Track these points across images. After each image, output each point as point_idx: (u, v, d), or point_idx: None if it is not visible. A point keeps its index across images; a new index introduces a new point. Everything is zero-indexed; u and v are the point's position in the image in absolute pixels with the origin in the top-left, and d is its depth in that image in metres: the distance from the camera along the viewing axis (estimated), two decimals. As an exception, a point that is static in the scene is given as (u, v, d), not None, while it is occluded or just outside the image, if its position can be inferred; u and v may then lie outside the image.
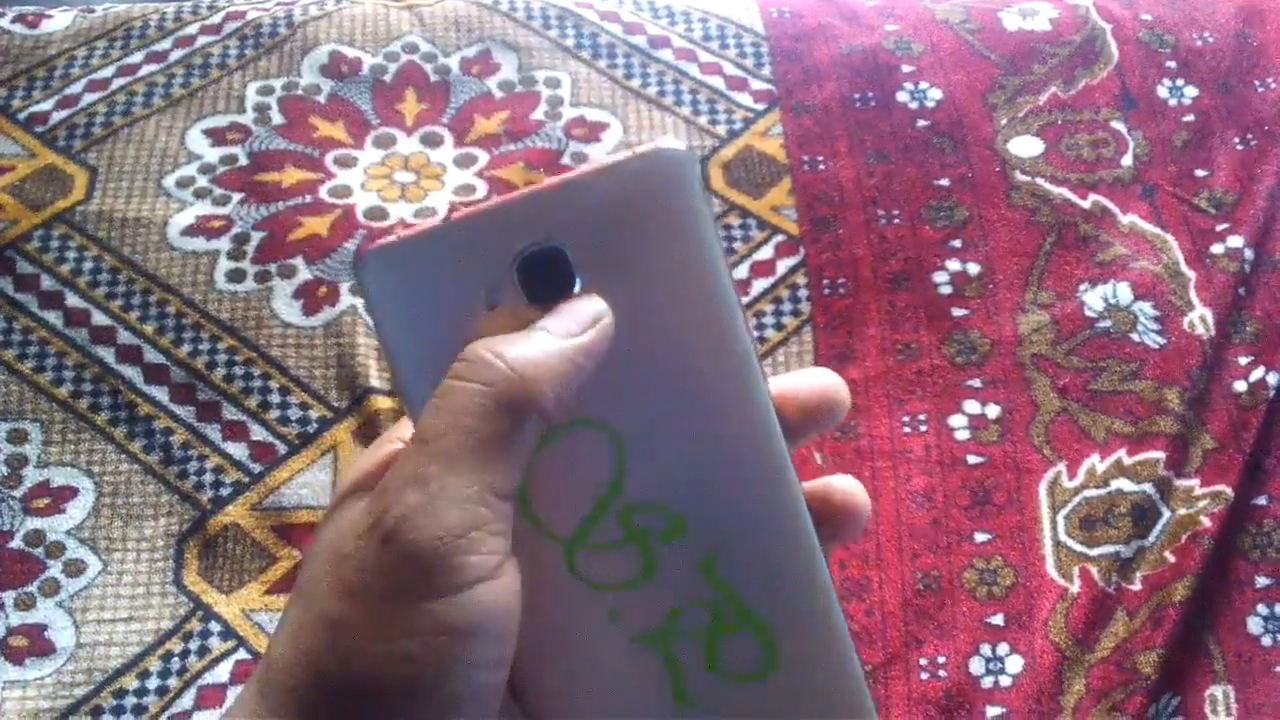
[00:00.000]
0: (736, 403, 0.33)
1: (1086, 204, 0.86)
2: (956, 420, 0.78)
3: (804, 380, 0.35)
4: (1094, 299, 0.82)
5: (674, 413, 0.33)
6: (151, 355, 0.79)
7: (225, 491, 0.75)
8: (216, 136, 0.87)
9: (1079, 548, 0.74)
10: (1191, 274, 0.83)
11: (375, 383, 0.78)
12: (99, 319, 0.80)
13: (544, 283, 0.32)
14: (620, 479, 0.33)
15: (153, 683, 0.70)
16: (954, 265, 0.83)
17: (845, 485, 0.35)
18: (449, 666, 0.29)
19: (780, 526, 0.34)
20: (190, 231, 0.83)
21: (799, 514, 0.34)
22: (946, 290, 0.82)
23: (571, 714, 0.33)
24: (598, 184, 0.32)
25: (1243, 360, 0.80)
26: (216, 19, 0.93)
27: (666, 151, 0.32)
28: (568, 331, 0.32)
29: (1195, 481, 0.76)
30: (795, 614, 0.34)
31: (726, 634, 0.33)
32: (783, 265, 0.83)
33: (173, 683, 0.70)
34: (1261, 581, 0.74)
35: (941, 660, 0.71)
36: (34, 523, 0.74)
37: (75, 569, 0.73)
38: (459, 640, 0.29)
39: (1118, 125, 0.89)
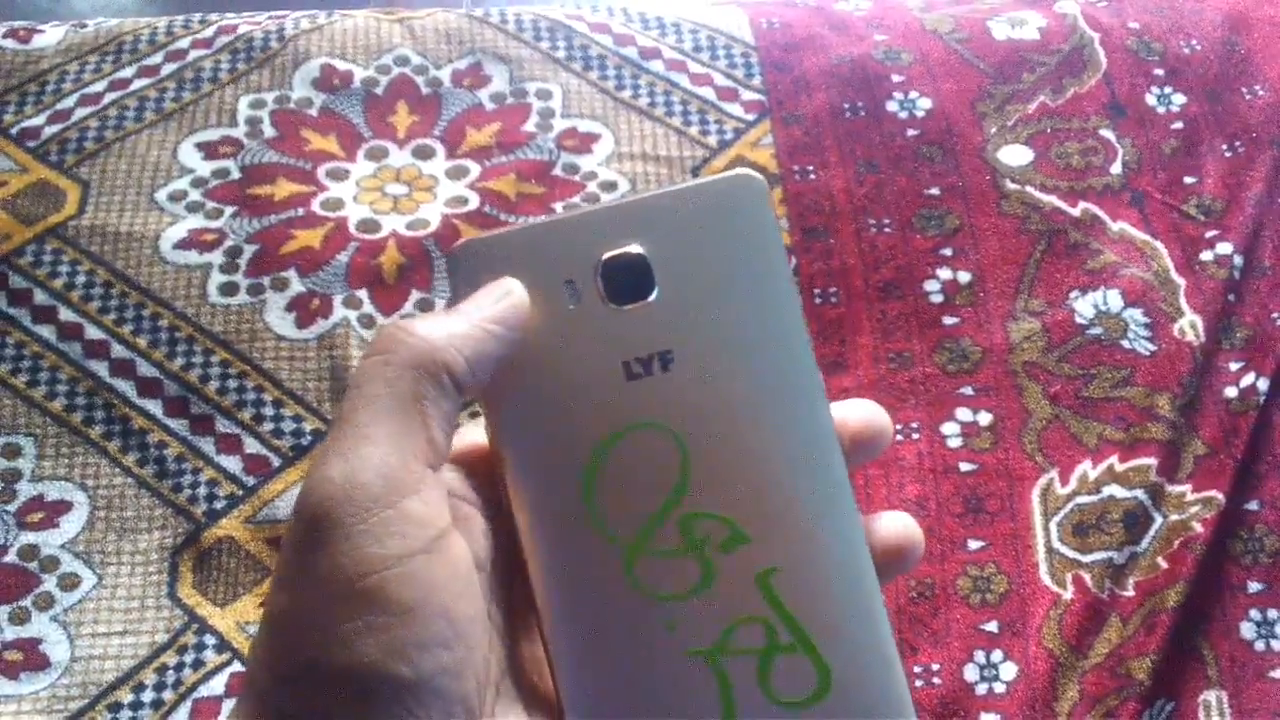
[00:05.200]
0: (802, 421, 0.34)
1: (1076, 212, 0.86)
2: (949, 428, 0.78)
3: (852, 410, 0.35)
4: (1085, 306, 0.82)
5: (740, 424, 0.33)
6: (145, 369, 0.79)
7: (219, 505, 0.75)
8: (208, 150, 0.87)
9: (1072, 554, 0.74)
10: (1181, 281, 0.83)
11: (369, 395, 0.78)
12: (92, 333, 0.80)
13: (624, 286, 0.34)
14: (683, 485, 0.33)
15: (148, 696, 0.70)
16: (945, 274, 0.83)
17: (900, 521, 0.35)
18: (392, 648, 0.28)
19: (841, 550, 0.34)
20: (183, 245, 0.83)
21: (858, 540, 0.34)
22: (938, 299, 0.83)
23: None
24: (680, 201, 0.35)
25: (1233, 366, 0.80)
26: (208, 33, 0.93)
27: (744, 176, 0.35)
28: (478, 305, 0.32)
29: (1187, 487, 0.76)
30: (851, 643, 0.33)
31: (780, 655, 0.33)
32: (774, 275, 0.83)
33: (168, 696, 0.70)
34: (1254, 586, 0.74)
35: (935, 668, 0.71)
36: (28, 537, 0.74)
37: (69, 583, 0.73)
38: (398, 619, 0.28)
39: (1107, 133, 0.90)
